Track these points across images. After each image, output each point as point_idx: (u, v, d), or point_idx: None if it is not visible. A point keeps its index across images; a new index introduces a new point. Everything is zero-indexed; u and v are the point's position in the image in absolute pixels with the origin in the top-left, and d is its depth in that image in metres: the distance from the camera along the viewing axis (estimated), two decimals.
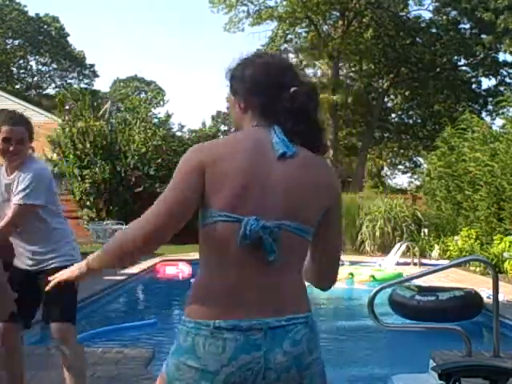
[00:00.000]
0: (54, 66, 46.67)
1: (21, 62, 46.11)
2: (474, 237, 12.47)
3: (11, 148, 2.94)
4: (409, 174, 41.49)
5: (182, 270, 11.31)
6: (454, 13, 29.78)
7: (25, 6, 43.39)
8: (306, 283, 1.62)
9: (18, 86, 45.62)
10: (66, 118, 17.66)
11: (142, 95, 36.32)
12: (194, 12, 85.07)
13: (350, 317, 7.80)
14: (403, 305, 6.58)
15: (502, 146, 12.19)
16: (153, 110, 19.18)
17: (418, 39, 29.75)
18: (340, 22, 29.73)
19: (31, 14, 43.68)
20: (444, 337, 5.27)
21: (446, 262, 10.29)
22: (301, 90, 1.54)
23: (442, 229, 14.60)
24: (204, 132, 18.72)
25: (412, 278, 6.30)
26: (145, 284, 10.46)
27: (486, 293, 6.86)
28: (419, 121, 34.15)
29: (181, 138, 18.67)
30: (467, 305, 6.36)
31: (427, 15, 30.63)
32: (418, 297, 6.50)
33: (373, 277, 10.25)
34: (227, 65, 1.65)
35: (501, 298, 5.74)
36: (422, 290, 6.83)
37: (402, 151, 38.28)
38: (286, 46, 33.75)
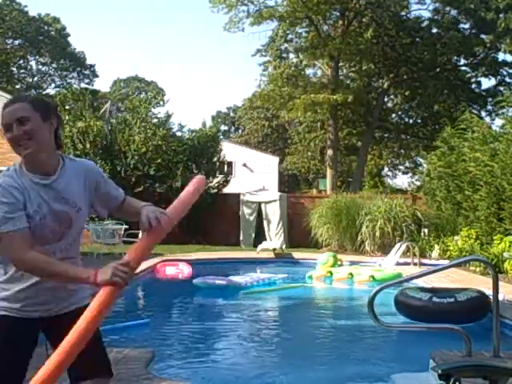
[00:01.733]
0: (54, 65, 46.68)
1: (21, 62, 46.13)
2: (474, 237, 12.46)
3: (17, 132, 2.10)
4: (409, 175, 41.58)
5: (182, 270, 11.32)
6: (453, 12, 29.79)
7: (25, 6, 43.42)
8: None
9: (18, 86, 45.63)
10: (66, 117, 17.65)
11: (142, 95, 36.32)
12: (194, 12, 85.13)
13: (350, 317, 7.80)
14: (418, 307, 6.36)
15: (501, 146, 12.19)
16: (153, 109, 19.15)
17: (418, 39, 29.75)
18: (340, 22, 29.75)
19: (32, 14, 43.75)
20: (444, 337, 5.26)
21: (446, 262, 10.29)
22: None
23: (441, 229, 14.60)
24: (204, 132, 18.68)
25: (412, 278, 6.29)
26: (145, 284, 10.46)
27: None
28: (419, 121, 34.18)
29: (180, 137, 18.62)
30: (482, 305, 6.26)
31: (427, 15, 30.70)
32: (436, 299, 6.31)
33: (372, 277, 10.26)
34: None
35: (501, 297, 5.74)
36: (429, 292, 6.69)
37: (402, 151, 38.32)
38: (286, 45, 33.82)
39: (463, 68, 31.63)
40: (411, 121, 34.70)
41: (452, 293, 6.56)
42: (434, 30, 30.11)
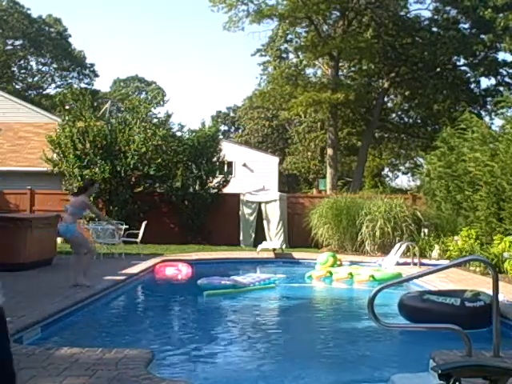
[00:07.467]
0: (55, 66, 46.70)
1: (21, 62, 46.14)
2: (474, 237, 12.46)
3: None
4: (409, 175, 41.58)
5: (181, 271, 11.32)
6: (453, 12, 29.77)
7: (28, 9, 43.45)
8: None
9: (18, 86, 45.65)
10: (66, 118, 17.64)
11: (143, 95, 36.31)
12: (194, 11, 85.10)
13: (350, 317, 7.79)
14: (452, 314, 6.02)
15: (501, 146, 12.19)
16: (153, 109, 19.11)
17: (417, 39, 29.74)
18: (340, 22, 29.74)
19: (34, 15, 43.80)
20: (444, 337, 5.27)
21: (446, 262, 10.30)
22: None
23: (441, 229, 14.60)
24: (204, 132, 18.66)
25: (412, 278, 6.28)
26: (144, 284, 10.46)
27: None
28: (419, 121, 34.17)
29: (180, 137, 18.59)
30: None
31: (427, 14, 30.70)
32: (468, 303, 6.15)
33: (373, 276, 10.26)
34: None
35: (501, 298, 5.74)
36: (449, 296, 6.52)
37: (402, 151, 38.31)
38: (285, 46, 33.81)
39: (463, 68, 31.61)
40: (411, 121, 34.69)
41: (457, 294, 6.47)
42: (434, 30, 30.10)
